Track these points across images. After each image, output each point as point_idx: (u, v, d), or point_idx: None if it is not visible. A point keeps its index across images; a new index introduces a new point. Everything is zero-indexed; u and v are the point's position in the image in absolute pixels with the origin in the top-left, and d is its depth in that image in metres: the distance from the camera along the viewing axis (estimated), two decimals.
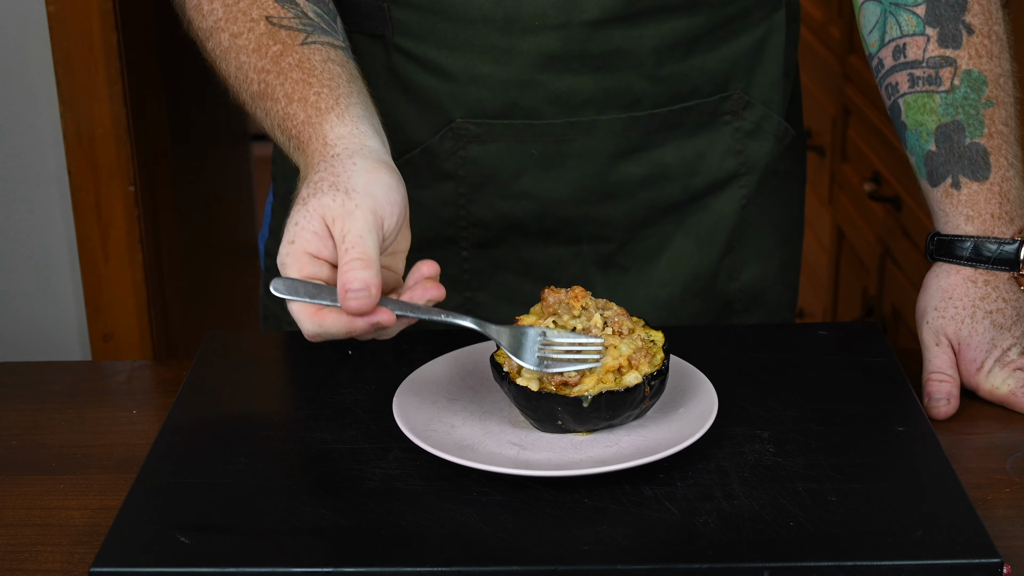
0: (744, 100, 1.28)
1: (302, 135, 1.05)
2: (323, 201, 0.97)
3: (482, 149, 1.24)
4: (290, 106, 1.06)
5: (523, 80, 1.21)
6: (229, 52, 1.12)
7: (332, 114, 1.04)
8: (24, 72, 1.93)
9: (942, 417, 1.13)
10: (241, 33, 1.11)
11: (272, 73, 1.08)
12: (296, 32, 1.09)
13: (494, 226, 1.28)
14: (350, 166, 0.99)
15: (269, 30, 1.10)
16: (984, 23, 1.17)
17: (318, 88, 1.05)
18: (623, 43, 1.20)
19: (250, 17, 1.11)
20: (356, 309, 0.94)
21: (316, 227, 0.97)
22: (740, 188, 1.31)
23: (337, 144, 1.02)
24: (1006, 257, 1.15)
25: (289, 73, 1.07)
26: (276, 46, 1.09)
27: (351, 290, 0.94)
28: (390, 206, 0.98)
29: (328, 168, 0.99)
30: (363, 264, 0.95)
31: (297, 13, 1.11)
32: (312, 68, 1.07)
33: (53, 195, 1.98)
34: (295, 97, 1.06)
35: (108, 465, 1.08)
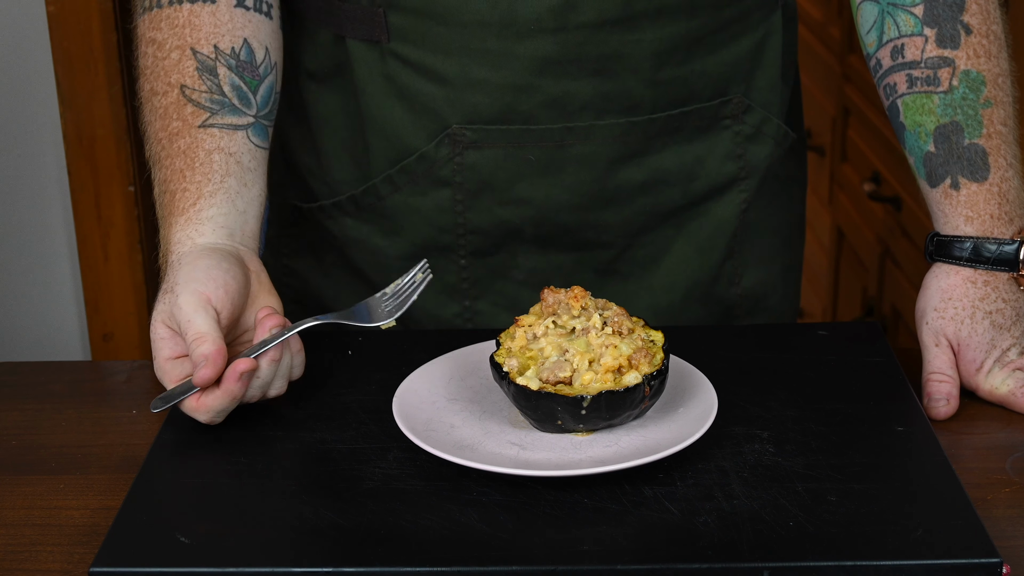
0: (744, 104, 1.27)
1: (162, 230, 1.13)
2: (159, 309, 1.07)
3: (479, 155, 1.23)
4: (163, 195, 1.14)
5: (519, 84, 1.20)
6: (145, 104, 1.18)
7: (183, 218, 1.12)
8: (24, 72, 1.93)
9: (942, 417, 1.13)
10: (157, 92, 1.16)
11: (165, 150, 1.15)
12: (200, 111, 1.15)
13: (492, 233, 1.27)
14: (176, 268, 1.09)
15: (179, 101, 1.15)
16: (982, 23, 1.17)
17: (187, 183, 1.13)
18: (620, 47, 1.20)
19: (168, 80, 1.16)
20: (205, 378, 1.03)
21: (162, 333, 1.07)
22: (740, 193, 1.30)
23: (173, 252, 1.11)
24: (1005, 257, 1.15)
25: (175, 159, 1.14)
26: (177, 122, 1.14)
27: (196, 367, 1.03)
28: (212, 281, 1.06)
29: (165, 279, 1.10)
30: (199, 341, 1.03)
31: (211, 87, 1.15)
32: (194, 159, 1.13)
33: (53, 195, 1.98)
34: (167, 188, 1.13)
35: (108, 465, 1.08)
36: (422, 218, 1.27)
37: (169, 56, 1.16)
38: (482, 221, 1.26)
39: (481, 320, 1.31)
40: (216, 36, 1.16)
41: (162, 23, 1.17)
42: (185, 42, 1.16)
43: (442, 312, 1.31)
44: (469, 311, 1.31)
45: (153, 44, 1.17)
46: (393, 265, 1.30)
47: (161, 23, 1.17)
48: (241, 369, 1.04)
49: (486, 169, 1.24)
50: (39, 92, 1.94)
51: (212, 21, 1.16)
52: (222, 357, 1.03)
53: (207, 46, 1.16)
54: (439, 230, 1.27)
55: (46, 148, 1.96)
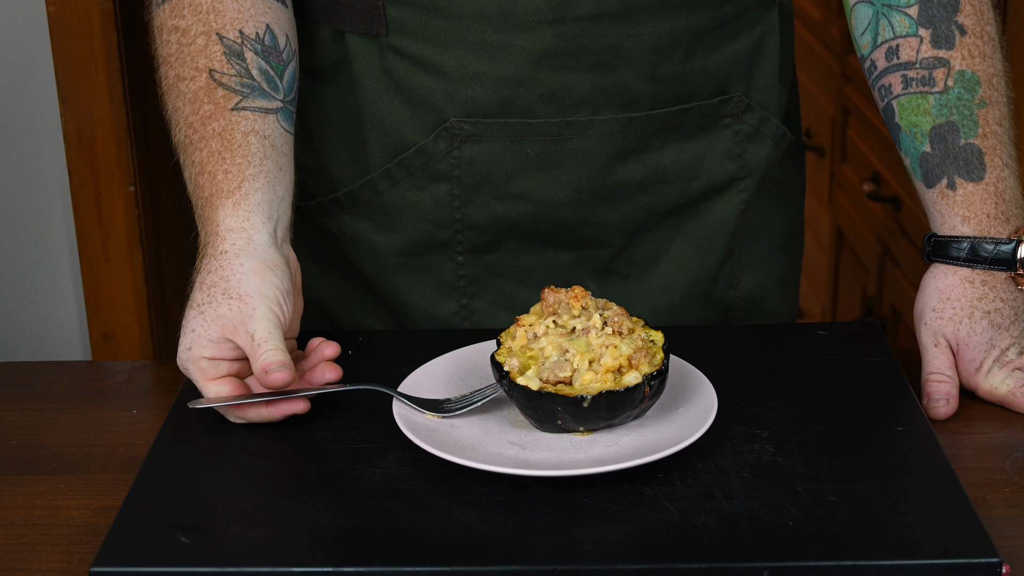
0: (743, 103, 1.27)
1: (203, 211, 1.12)
2: (220, 311, 1.06)
3: (477, 149, 1.23)
4: (201, 176, 1.13)
5: (518, 77, 1.20)
6: (170, 92, 1.17)
7: (230, 200, 1.11)
8: (24, 72, 1.93)
9: (941, 417, 1.13)
10: (184, 78, 1.16)
11: (197, 133, 1.14)
12: (231, 94, 1.14)
13: (489, 230, 1.27)
14: (239, 268, 1.08)
15: (208, 84, 1.15)
16: (976, 23, 1.17)
17: (228, 166, 1.12)
18: (620, 40, 1.20)
19: (196, 65, 1.15)
20: (278, 382, 1.04)
21: (213, 335, 1.06)
22: (739, 193, 1.30)
23: (227, 238, 1.10)
24: (1003, 257, 1.15)
25: (210, 141, 1.13)
26: (208, 105, 1.14)
27: (270, 372, 1.03)
28: (283, 304, 1.08)
29: (219, 270, 1.08)
30: (278, 350, 1.04)
31: (240, 71, 1.15)
32: (231, 141, 1.13)
33: (53, 195, 1.98)
34: (206, 169, 1.12)
35: (108, 465, 1.08)
36: (420, 213, 1.27)
37: (195, 42, 1.16)
38: (480, 216, 1.26)
39: (478, 319, 1.31)
40: (240, 21, 1.16)
41: (184, 10, 1.17)
42: (211, 27, 1.16)
43: (439, 310, 1.30)
44: (466, 309, 1.31)
45: (177, 31, 1.17)
46: (391, 263, 1.29)
47: (184, 10, 1.17)
48: (294, 410, 1.07)
49: (484, 163, 1.24)
50: (39, 92, 1.93)
51: (235, 7, 1.16)
52: (292, 366, 1.05)
53: (233, 31, 1.16)
54: (437, 225, 1.27)
55: (46, 148, 1.96)
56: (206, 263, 1.09)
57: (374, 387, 1.08)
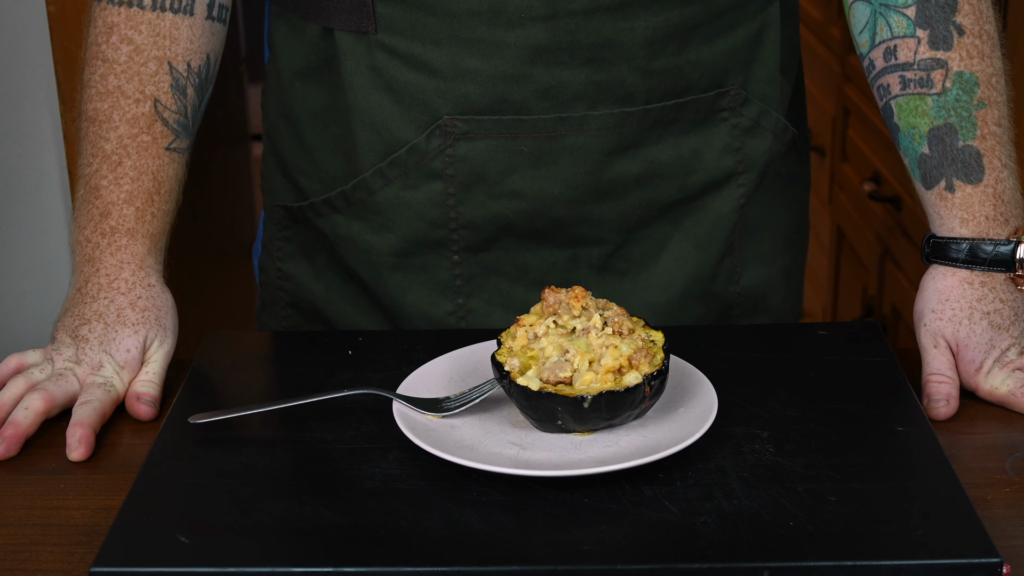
0: (741, 96, 1.26)
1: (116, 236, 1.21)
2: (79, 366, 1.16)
3: (471, 146, 1.22)
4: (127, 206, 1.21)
5: (511, 74, 1.20)
6: (107, 96, 1.22)
7: (155, 243, 1.23)
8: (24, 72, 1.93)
9: (942, 418, 1.13)
10: (127, 96, 1.21)
11: (131, 159, 1.21)
12: (168, 132, 1.22)
13: (485, 228, 1.26)
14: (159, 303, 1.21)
15: (151, 115, 1.21)
16: (975, 23, 1.16)
17: (156, 210, 1.22)
18: (614, 35, 1.19)
19: (143, 90, 1.21)
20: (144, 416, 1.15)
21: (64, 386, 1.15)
22: (739, 187, 1.30)
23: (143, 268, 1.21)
24: (1002, 258, 1.15)
25: (143, 176, 1.21)
26: (146, 136, 1.21)
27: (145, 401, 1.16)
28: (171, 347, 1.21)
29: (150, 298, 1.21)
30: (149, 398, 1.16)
31: (179, 108, 1.22)
32: (161, 184, 1.22)
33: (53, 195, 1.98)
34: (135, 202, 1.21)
35: (108, 465, 1.08)
36: (413, 212, 1.26)
37: (147, 65, 1.21)
38: (474, 215, 1.26)
39: (474, 318, 1.30)
40: (190, 53, 1.22)
41: (142, 26, 1.21)
42: (164, 55, 1.21)
43: (434, 310, 1.30)
44: (462, 309, 1.30)
45: (130, 44, 1.20)
46: (385, 263, 1.29)
47: (141, 26, 1.21)
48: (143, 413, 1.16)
49: (478, 161, 1.23)
50: (39, 92, 1.93)
51: (189, 36, 1.22)
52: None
53: (182, 63, 1.22)
54: (431, 225, 1.27)
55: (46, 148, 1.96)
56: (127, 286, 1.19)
57: (373, 391, 1.07)
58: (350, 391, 1.08)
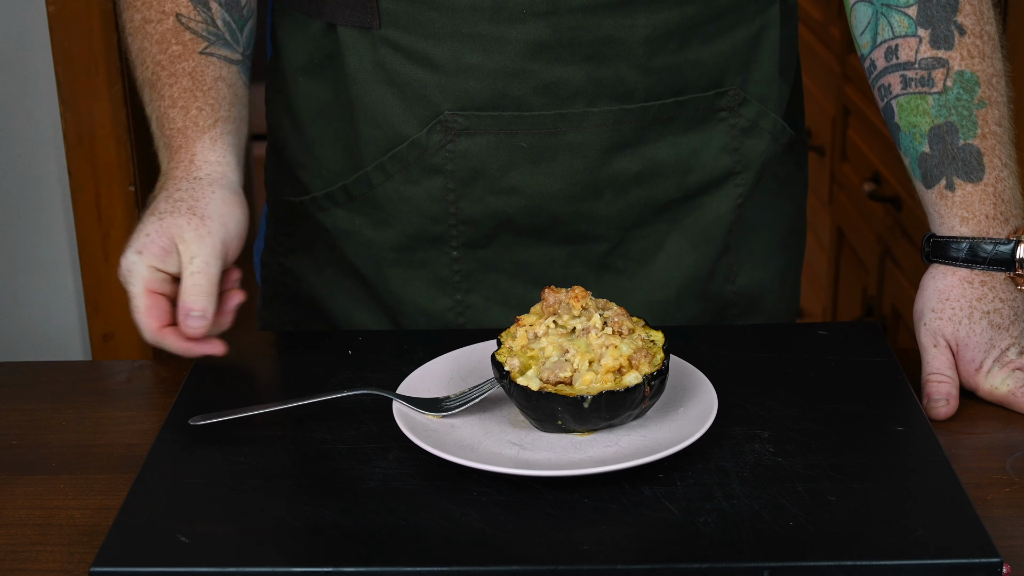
0: (740, 96, 1.27)
1: (174, 141, 1.15)
2: (178, 221, 1.09)
3: (471, 142, 1.23)
4: (172, 109, 1.15)
5: (512, 70, 1.20)
6: (135, 34, 1.20)
7: (207, 135, 1.15)
8: (24, 72, 1.93)
9: (942, 418, 1.13)
10: (150, 20, 1.19)
11: (166, 71, 1.17)
12: (198, 38, 1.18)
13: (484, 224, 1.27)
14: (209, 193, 1.11)
15: (175, 27, 1.18)
16: (976, 23, 1.17)
17: (201, 103, 1.15)
18: (614, 32, 1.19)
19: (162, 8, 1.19)
20: (193, 332, 1.09)
21: (164, 243, 1.09)
22: (736, 187, 1.30)
23: (203, 167, 1.13)
24: (1002, 257, 1.15)
25: (180, 78, 1.16)
26: (176, 46, 1.18)
27: (191, 315, 1.08)
28: (237, 239, 1.12)
29: (189, 189, 1.11)
30: (203, 289, 1.08)
31: (206, 18, 1.20)
32: (202, 81, 1.17)
33: (53, 195, 1.98)
34: (178, 103, 1.15)
35: (108, 465, 1.08)
36: (414, 207, 1.26)
37: None
38: (474, 211, 1.26)
39: (473, 314, 1.30)
40: None
41: None
42: None
43: (433, 306, 1.30)
44: (461, 305, 1.30)
45: None
46: (385, 258, 1.29)
47: None
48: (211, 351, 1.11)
49: (478, 156, 1.23)
50: (39, 92, 1.94)
51: None
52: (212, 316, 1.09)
53: None
54: (431, 220, 1.27)
55: (46, 148, 1.96)
56: (174, 183, 1.12)
57: (373, 391, 1.07)
58: (350, 391, 1.08)
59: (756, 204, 1.33)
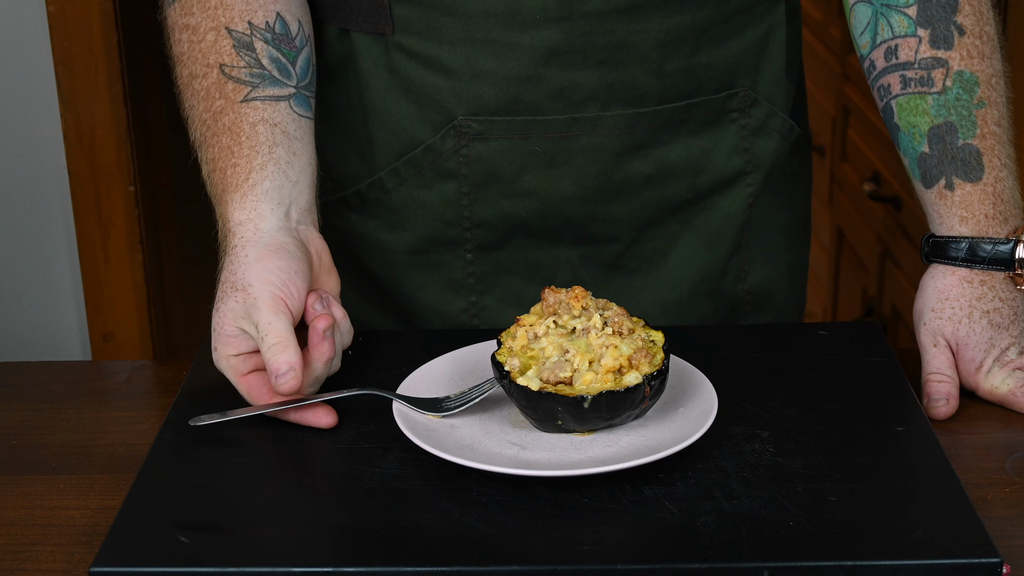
0: (750, 97, 1.27)
1: (218, 209, 1.13)
2: (229, 305, 1.07)
3: (485, 147, 1.23)
4: (213, 175, 1.14)
5: (525, 75, 1.20)
6: (185, 90, 1.18)
7: (236, 194, 1.11)
8: (24, 72, 1.93)
9: (942, 417, 1.13)
10: (196, 76, 1.17)
11: (210, 130, 1.15)
12: (241, 86, 1.15)
13: (498, 227, 1.27)
14: (243, 259, 1.08)
15: (219, 80, 1.15)
16: (975, 24, 1.17)
17: (236, 159, 1.12)
18: (627, 36, 1.20)
19: (207, 62, 1.16)
20: (287, 390, 1.04)
21: (229, 331, 1.07)
22: (747, 187, 1.30)
23: (236, 232, 1.10)
24: (1001, 257, 1.15)
25: (220, 137, 1.14)
26: (220, 100, 1.15)
27: (280, 374, 1.03)
28: (288, 284, 1.07)
29: (228, 265, 1.09)
30: (282, 347, 1.04)
31: (250, 62, 1.16)
32: (239, 134, 1.13)
33: (53, 195, 1.98)
34: (218, 166, 1.13)
35: (108, 465, 1.08)
36: (428, 211, 1.27)
37: (205, 39, 1.16)
38: (488, 214, 1.27)
39: (487, 316, 1.31)
40: (249, 13, 1.16)
41: (194, 7, 1.17)
42: (219, 23, 1.16)
43: (447, 308, 1.31)
44: (475, 307, 1.31)
45: (187, 30, 1.17)
46: (399, 261, 1.30)
47: (193, 7, 1.17)
48: (322, 327, 1.06)
49: (492, 161, 1.24)
50: (39, 92, 1.94)
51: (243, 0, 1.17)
52: (301, 366, 1.04)
53: (241, 24, 1.16)
54: (445, 224, 1.27)
55: (46, 148, 1.96)
56: (223, 261, 1.10)
57: (372, 391, 1.07)
58: (350, 391, 1.08)
59: (765, 202, 1.34)
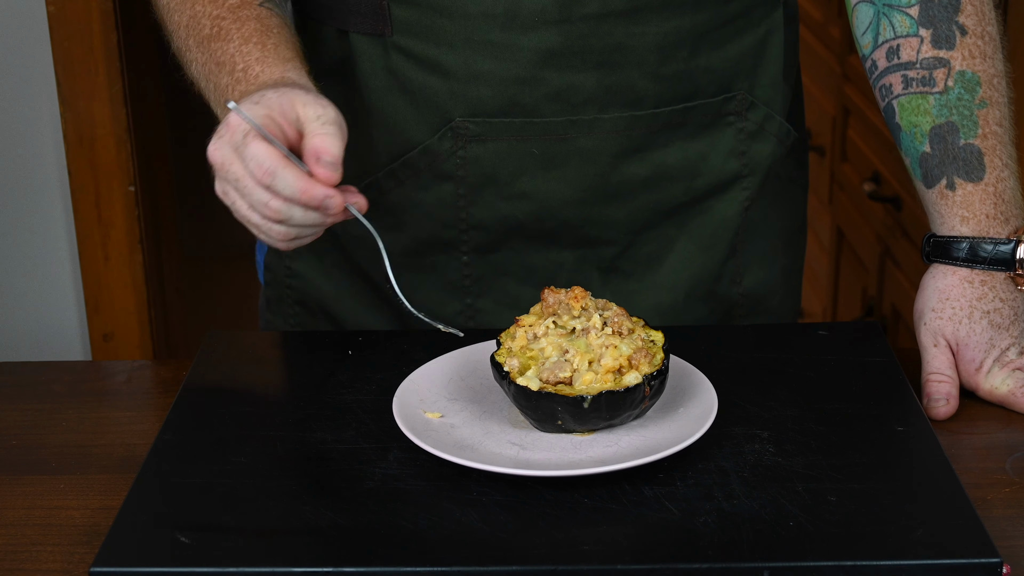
0: (748, 101, 1.27)
1: (252, 68, 1.10)
2: (298, 95, 1.03)
3: (482, 148, 1.23)
4: (245, 45, 1.12)
5: (523, 77, 1.20)
6: (182, 6, 1.18)
7: (290, 64, 1.10)
8: (24, 72, 1.93)
9: (942, 417, 1.13)
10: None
11: (228, 19, 1.14)
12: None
13: (495, 229, 1.27)
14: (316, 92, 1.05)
15: None
16: (977, 24, 1.17)
17: (276, 41, 1.12)
18: (625, 39, 1.20)
19: None
20: (327, 178, 1.00)
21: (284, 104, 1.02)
22: (743, 190, 1.30)
23: (299, 81, 1.07)
24: (1002, 257, 1.15)
25: (247, 22, 1.14)
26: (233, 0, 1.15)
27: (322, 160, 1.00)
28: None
29: (295, 85, 1.05)
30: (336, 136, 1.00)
31: None
32: (270, 26, 1.14)
33: (53, 195, 1.98)
34: (252, 39, 1.12)
35: (108, 465, 1.08)
36: (424, 213, 1.27)
37: None
38: (485, 216, 1.26)
39: (483, 318, 1.31)
40: None
41: None
42: None
43: (444, 310, 1.31)
44: (471, 309, 1.31)
45: None
46: (395, 262, 1.29)
47: None
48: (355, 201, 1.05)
49: (489, 163, 1.24)
50: (39, 92, 1.94)
51: None
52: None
53: None
54: (442, 225, 1.27)
55: (46, 148, 1.96)
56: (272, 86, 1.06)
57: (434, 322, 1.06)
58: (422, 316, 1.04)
59: (761, 206, 1.33)
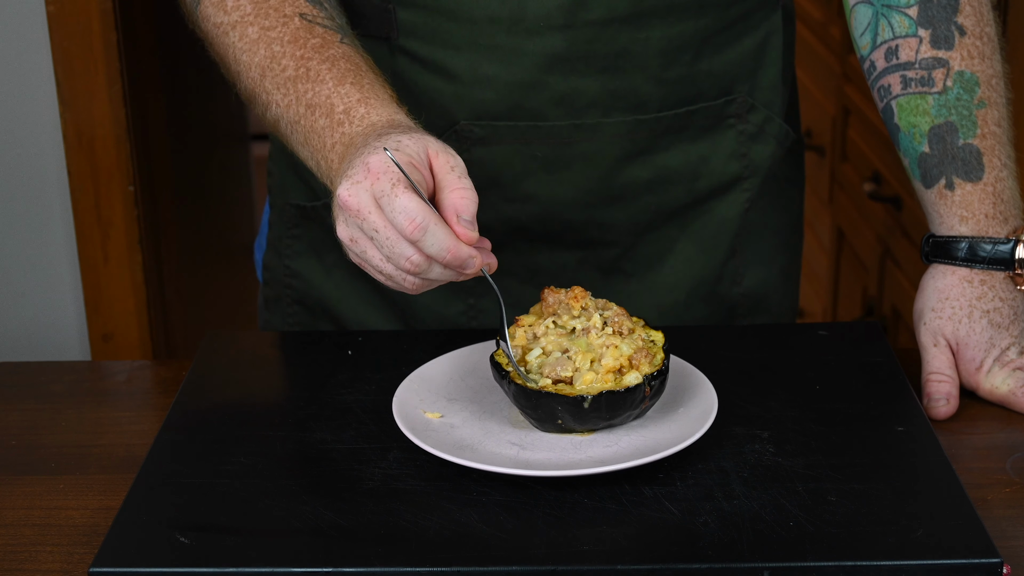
0: (748, 103, 1.28)
1: (354, 109, 1.07)
2: (430, 141, 1.00)
3: (486, 151, 1.23)
4: (341, 86, 1.09)
5: (528, 81, 1.20)
6: (259, 43, 1.14)
7: (394, 104, 1.07)
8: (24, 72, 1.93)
9: (942, 417, 1.13)
10: (274, 27, 1.14)
11: (315, 60, 1.11)
12: (331, 31, 1.13)
13: (498, 231, 1.27)
14: (437, 138, 1.01)
15: (304, 25, 1.13)
16: (976, 24, 1.17)
17: (371, 80, 1.09)
18: (629, 44, 1.20)
19: (283, 13, 1.14)
20: (468, 237, 0.98)
21: (420, 150, 0.99)
22: (743, 192, 1.31)
23: (408, 123, 1.04)
24: (1001, 257, 1.15)
25: (337, 62, 1.11)
26: (315, 39, 1.12)
27: (463, 220, 0.98)
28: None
29: (410, 128, 1.02)
30: (473, 196, 0.98)
31: (328, 15, 1.15)
32: (360, 65, 1.11)
33: (53, 195, 1.98)
34: (348, 80, 1.09)
35: (108, 465, 1.08)
36: None
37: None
38: (488, 218, 1.26)
39: (485, 318, 1.31)
40: None
41: None
42: None
43: (446, 310, 1.31)
44: (473, 309, 1.31)
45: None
46: None
47: None
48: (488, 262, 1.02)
49: (493, 166, 1.24)
50: (39, 92, 1.93)
51: None
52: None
53: None
54: None
55: (46, 148, 1.96)
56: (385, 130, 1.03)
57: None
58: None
59: (760, 207, 1.34)
